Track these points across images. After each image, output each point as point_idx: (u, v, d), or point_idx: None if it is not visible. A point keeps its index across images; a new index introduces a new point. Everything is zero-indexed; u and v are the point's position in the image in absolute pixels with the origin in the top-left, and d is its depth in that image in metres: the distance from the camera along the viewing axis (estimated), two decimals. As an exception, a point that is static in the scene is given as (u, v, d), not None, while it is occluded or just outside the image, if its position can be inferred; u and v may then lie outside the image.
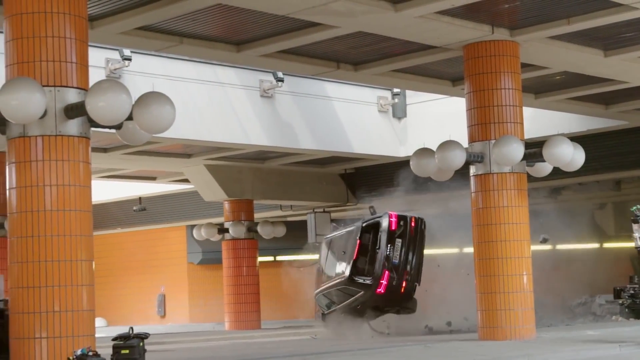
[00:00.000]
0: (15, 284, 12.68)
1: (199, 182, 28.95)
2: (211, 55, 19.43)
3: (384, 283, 20.22)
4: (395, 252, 20.52)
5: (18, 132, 12.74)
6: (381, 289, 20.20)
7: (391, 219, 20.90)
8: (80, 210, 12.84)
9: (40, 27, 12.70)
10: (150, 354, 14.15)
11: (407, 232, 20.98)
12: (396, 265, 20.52)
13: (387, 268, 20.34)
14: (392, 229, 20.76)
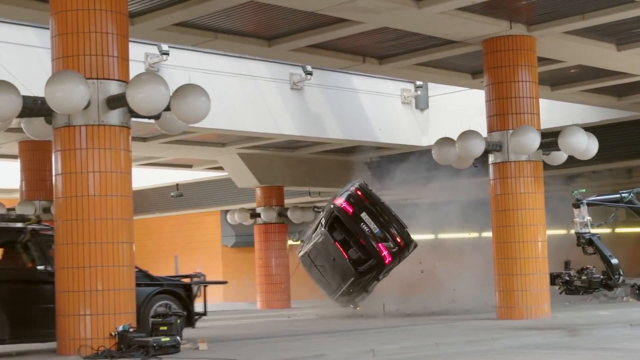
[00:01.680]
0: (61, 265, 12.78)
1: (233, 170, 29.00)
2: (244, 50, 19.46)
3: (385, 253, 20.05)
4: (371, 225, 20.25)
5: (63, 122, 12.83)
6: (387, 258, 20.01)
7: (342, 206, 20.56)
8: (121, 196, 12.91)
9: (84, 23, 12.76)
10: (187, 331, 14.26)
11: (363, 203, 20.63)
12: (380, 233, 20.31)
13: (377, 241, 20.19)
14: (350, 212, 20.45)
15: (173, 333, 12.65)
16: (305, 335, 15.72)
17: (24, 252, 13.92)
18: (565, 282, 14.62)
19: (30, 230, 13.82)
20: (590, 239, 14.48)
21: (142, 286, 14.04)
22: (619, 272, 14.46)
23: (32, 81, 15.00)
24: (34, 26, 18.60)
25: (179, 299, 14.59)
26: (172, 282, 15.08)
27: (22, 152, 24.29)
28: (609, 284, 14.54)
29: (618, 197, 14.98)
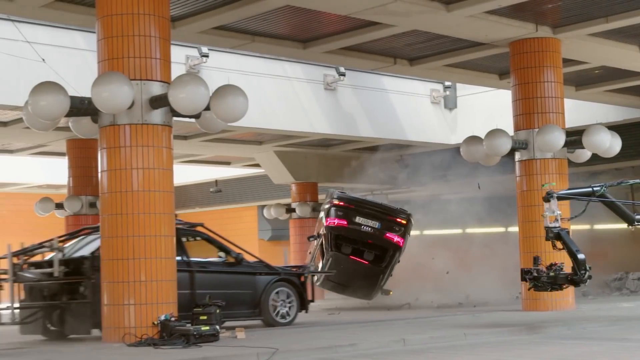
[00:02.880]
0: (106, 257, 12.86)
1: (269, 167, 29.05)
2: (280, 52, 19.47)
3: (396, 239, 19.84)
4: (370, 223, 19.80)
5: (109, 121, 12.90)
6: (400, 242, 19.77)
7: (336, 224, 19.85)
8: (163, 191, 12.96)
9: (128, 27, 12.82)
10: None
11: (351, 210, 20.01)
12: (381, 225, 19.90)
13: (383, 233, 19.79)
14: (346, 224, 19.87)
15: (213, 322, 12.68)
16: (338, 325, 15.71)
17: None
18: (533, 278, 13.71)
19: None
20: (559, 233, 13.57)
21: (262, 275, 15.79)
22: (585, 268, 13.48)
23: (80, 82, 15.12)
24: (81, 30, 18.72)
25: (294, 286, 16.16)
26: (288, 271, 16.40)
27: (70, 150, 24.44)
28: (574, 280, 13.59)
29: (589, 190, 14.12)
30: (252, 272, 15.88)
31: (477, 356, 10.63)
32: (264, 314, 15.74)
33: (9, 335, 15.08)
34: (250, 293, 15.69)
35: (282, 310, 16.04)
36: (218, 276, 15.35)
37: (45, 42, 18.28)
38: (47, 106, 12.67)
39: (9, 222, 36.79)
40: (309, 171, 28.86)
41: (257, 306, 15.64)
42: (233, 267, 15.63)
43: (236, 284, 15.53)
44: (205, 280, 14.92)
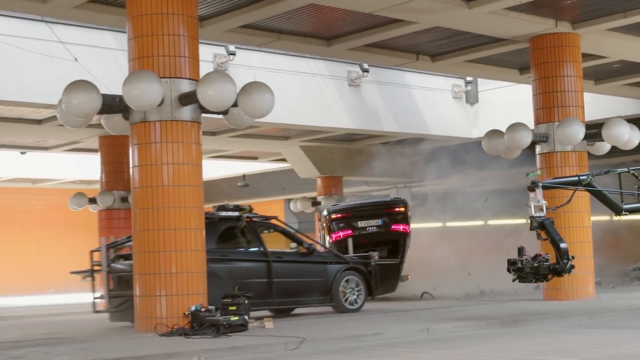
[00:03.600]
0: (139, 249, 12.91)
1: (295, 161, 29.05)
2: (305, 50, 19.45)
3: (402, 228, 19.69)
4: (372, 223, 19.76)
5: (139, 118, 12.94)
6: (406, 229, 19.60)
7: (341, 237, 19.81)
8: (193, 186, 13.00)
9: (157, 26, 12.86)
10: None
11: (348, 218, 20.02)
12: (383, 221, 19.82)
13: (388, 227, 19.68)
14: (350, 233, 19.76)
15: (242, 313, 12.70)
16: (364, 315, 15.71)
17: (241, 236, 15.66)
18: (517, 269, 13.15)
19: (245, 218, 15.59)
20: (542, 222, 13.00)
21: (333, 264, 16.32)
22: (568, 257, 12.98)
23: (111, 81, 15.20)
24: (112, 30, 18.78)
25: (361, 274, 16.61)
26: (355, 260, 16.85)
27: (102, 146, 24.55)
28: (557, 269, 13.05)
29: (576, 179, 13.63)
30: (323, 261, 16.40)
31: (499, 344, 10.59)
32: (335, 301, 16.23)
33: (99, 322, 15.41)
34: (322, 281, 16.20)
35: (351, 297, 16.48)
36: (292, 265, 15.91)
37: (77, 42, 18.36)
38: (80, 104, 12.74)
39: (44, 216, 37.08)
40: (333, 165, 28.84)
41: (328, 293, 16.16)
42: (306, 257, 16.15)
43: (309, 272, 16.09)
44: (281, 270, 15.55)
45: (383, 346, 10.82)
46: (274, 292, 15.36)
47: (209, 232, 14.60)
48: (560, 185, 13.86)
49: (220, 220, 15.50)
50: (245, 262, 15.38)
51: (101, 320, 16.29)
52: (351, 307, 16.39)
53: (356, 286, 16.57)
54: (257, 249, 15.51)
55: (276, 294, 15.40)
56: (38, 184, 35.43)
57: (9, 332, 14.81)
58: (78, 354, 10.31)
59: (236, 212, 15.84)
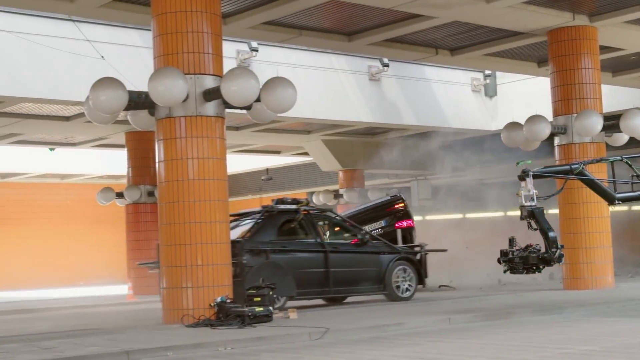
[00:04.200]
0: (165, 242, 12.94)
1: (317, 155, 29.04)
2: (326, 45, 19.43)
3: (405, 223, 19.55)
4: (376, 225, 19.19)
5: (165, 114, 12.96)
6: (411, 224, 19.45)
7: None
8: (217, 179, 13.01)
9: (181, 24, 12.86)
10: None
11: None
12: (386, 223, 19.32)
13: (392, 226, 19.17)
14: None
15: (266, 304, 12.71)
16: (386, 305, 15.69)
17: (299, 228, 16.09)
18: (507, 260, 12.81)
19: (302, 211, 15.99)
20: (532, 211, 12.59)
21: (385, 254, 16.69)
22: (557, 245, 12.57)
23: (136, 77, 15.25)
24: (138, 28, 18.82)
25: (412, 263, 16.97)
26: (407, 250, 17.25)
27: (129, 142, 24.64)
28: (545, 258, 12.63)
29: (567, 168, 13.26)
30: (377, 251, 16.71)
31: (521, 334, 10.54)
32: (388, 290, 16.57)
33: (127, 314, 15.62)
34: (375, 270, 16.53)
35: (402, 285, 16.79)
36: (348, 256, 16.30)
37: (103, 40, 18.42)
38: (106, 101, 12.77)
39: (73, 210, 37.27)
40: (355, 158, 28.82)
41: (381, 282, 16.51)
42: (360, 248, 16.51)
43: (363, 262, 16.45)
44: (337, 260, 15.95)
45: (405, 336, 10.80)
46: (331, 282, 15.77)
47: (269, 224, 15.60)
48: (552, 174, 13.53)
49: (279, 213, 15.91)
50: (304, 253, 15.80)
51: (129, 312, 16.39)
52: (403, 295, 16.72)
53: (407, 275, 16.89)
54: (314, 240, 15.97)
55: (333, 283, 15.81)
56: (67, 179, 35.62)
57: (39, 324, 14.90)
58: (107, 344, 10.35)
59: (294, 205, 16.22)
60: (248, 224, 15.82)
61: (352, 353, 9.32)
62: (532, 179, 12.76)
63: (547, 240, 12.72)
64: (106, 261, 36.06)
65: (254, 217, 15.97)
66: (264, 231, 15.50)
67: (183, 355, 9.68)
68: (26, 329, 13.43)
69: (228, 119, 13.95)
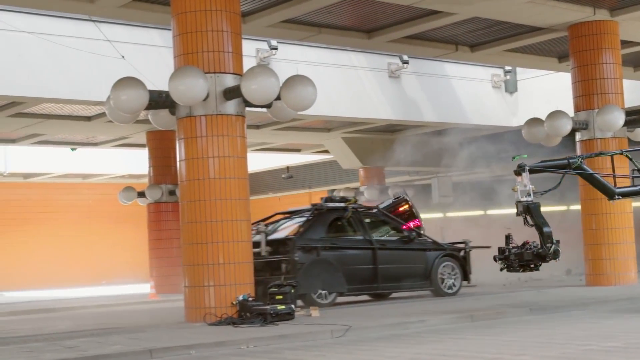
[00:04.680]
0: (187, 241, 12.96)
1: (338, 152, 29.03)
2: (345, 43, 19.41)
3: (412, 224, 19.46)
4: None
5: (185, 113, 12.98)
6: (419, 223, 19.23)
7: None
8: (238, 178, 13.01)
9: (201, 23, 12.88)
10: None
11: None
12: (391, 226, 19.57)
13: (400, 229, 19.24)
14: None
15: (288, 301, 12.71)
16: (408, 302, 15.66)
17: (347, 225, 16.38)
18: (503, 258, 12.53)
19: (351, 209, 16.34)
20: (527, 206, 12.24)
21: (431, 251, 16.96)
22: (552, 241, 12.22)
23: (157, 77, 15.28)
24: (158, 27, 18.87)
25: (457, 260, 17.23)
26: (452, 247, 17.46)
27: (150, 141, 24.72)
28: (540, 254, 12.32)
29: (565, 162, 12.79)
30: (423, 248, 16.97)
31: (543, 330, 10.49)
32: (434, 285, 16.84)
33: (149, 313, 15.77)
34: (422, 267, 16.81)
35: (448, 281, 17.02)
36: (395, 252, 16.56)
37: (124, 40, 18.47)
38: (127, 100, 12.80)
39: (95, 210, 37.44)
40: (375, 156, 28.78)
41: (427, 278, 16.77)
42: (406, 244, 16.78)
43: (410, 259, 16.72)
44: (384, 256, 16.25)
45: (427, 333, 10.77)
46: (379, 278, 16.06)
47: (319, 222, 15.94)
48: (549, 168, 13.10)
49: (328, 210, 16.25)
50: (353, 250, 16.09)
51: (151, 311, 16.44)
52: (449, 291, 16.95)
53: (453, 271, 17.13)
54: (362, 237, 16.22)
55: (381, 280, 16.10)
56: (88, 179, 35.78)
57: (62, 322, 14.97)
58: (130, 343, 10.38)
59: (342, 203, 16.59)
60: (297, 222, 16.19)
61: (374, 350, 9.30)
62: (528, 173, 12.46)
63: (542, 235, 12.43)
64: (128, 260, 36.23)
65: (304, 215, 16.35)
66: (314, 229, 15.80)
67: (206, 354, 9.69)
68: (50, 328, 13.50)
69: (248, 117, 13.95)
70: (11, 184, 34.96)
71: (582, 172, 13.01)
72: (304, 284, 14.75)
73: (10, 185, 35.08)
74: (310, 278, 15.07)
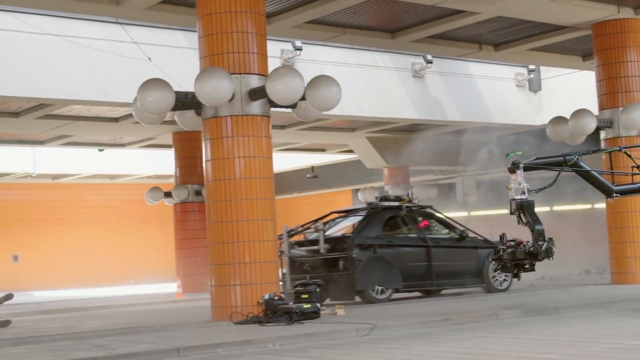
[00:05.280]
0: (213, 240, 12.99)
1: (362, 152, 29.00)
2: (369, 43, 19.39)
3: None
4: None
5: (211, 114, 13.01)
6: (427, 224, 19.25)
7: None
8: (264, 178, 13.02)
9: (226, 24, 12.90)
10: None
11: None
12: None
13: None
14: None
15: (314, 300, 12.71)
16: (433, 299, 15.62)
17: (402, 224, 16.79)
18: (497, 258, 12.21)
19: (405, 207, 16.65)
20: (521, 204, 11.87)
21: (483, 248, 17.16)
22: (544, 238, 11.84)
23: (182, 78, 15.32)
24: (183, 29, 18.94)
25: None
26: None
27: (176, 142, 24.81)
28: (532, 252, 12.00)
29: (561, 159, 12.38)
30: (475, 246, 17.24)
31: (570, 329, 10.42)
32: (485, 282, 17.13)
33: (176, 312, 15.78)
34: (474, 264, 17.10)
35: (499, 278, 17.25)
36: (448, 250, 16.91)
37: (150, 42, 18.55)
38: (154, 101, 12.85)
39: (123, 210, 37.63)
40: (399, 155, 28.72)
41: (479, 275, 17.07)
42: (459, 242, 17.09)
43: (463, 256, 17.06)
44: (438, 254, 16.61)
45: (452, 331, 10.73)
46: (433, 275, 16.41)
47: (375, 220, 16.26)
48: (544, 165, 12.75)
49: (384, 209, 16.57)
50: (408, 248, 16.44)
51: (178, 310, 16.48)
52: (500, 287, 17.18)
53: None
54: (417, 235, 16.63)
55: (435, 277, 16.45)
56: (116, 180, 35.97)
57: (91, 321, 15.06)
58: (158, 342, 10.42)
59: (397, 202, 16.88)
60: (351, 221, 16.70)
61: (399, 349, 9.28)
62: (522, 171, 12.18)
63: (534, 233, 12.12)
64: (155, 259, 36.37)
65: (359, 214, 16.73)
66: (370, 227, 16.14)
67: (232, 352, 9.71)
68: (79, 327, 13.58)
69: (273, 117, 13.96)
70: (40, 184, 35.22)
71: (578, 169, 12.64)
72: (361, 281, 15.28)
73: (40, 186, 35.34)
74: (367, 275, 15.48)
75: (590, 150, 13.52)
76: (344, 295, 15.69)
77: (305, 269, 15.88)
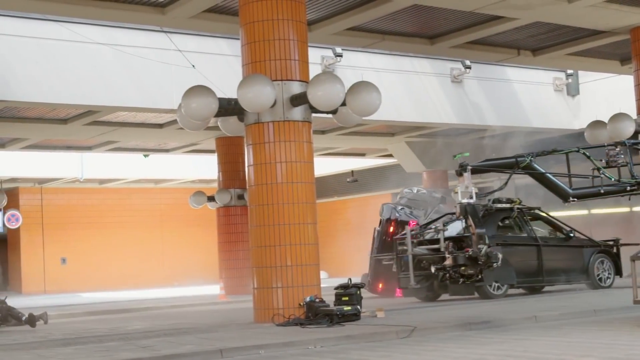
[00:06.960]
0: (255, 244, 13.02)
1: (401, 156, 28.94)
2: (408, 49, 19.35)
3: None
4: None
5: (254, 119, 13.05)
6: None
7: None
8: (305, 182, 13.04)
9: (269, 32, 12.93)
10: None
11: None
12: None
13: None
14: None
15: (354, 302, 12.69)
16: (469, 302, 15.53)
17: (514, 224, 17.29)
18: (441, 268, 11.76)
19: (516, 209, 17.14)
20: (465, 208, 11.48)
21: (587, 247, 17.84)
22: (485, 242, 11.51)
23: (226, 85, 15.40)
24: (226, 37, 19.05)
25: (610, 255, 18.10)
26: (606, 243, 18.36)
27: (219, 147, 24.94)
28: (471, 256, 11.75)
29: (513, 161, 12.05)
30: (580, 245, 17.87)
31: (609, 332, 10.30)
32: (590, 279, 17.68)
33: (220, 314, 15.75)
34: (580, 262, 17.68)
35: (602, 275, 17.85)
36: (556, 248, 17.51)
37: (193, 50, 18.69)
38: (198, 108, 12.93)
39: (167, 214, 37.91)
40: (438, 159, 28.62)
41: (584, 272, 17.66)
42: (566, 242, 17.70)
43: (570, 254, 17.66)
44: (548, 252, 17.21)
45: (492, 334, 10.66)
46: (544, 272, 16.98)
47: (489, 221, 16.51)
48: (493, 167, 12.27)
49: (497, 211, 17.05)
50: (520, 246, 16.97)
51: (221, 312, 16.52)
52: (604, 284, 17.72)
53: (606, 266, 17.94)
54: (527, 235, 17.20)
55: (545, 274, 17.01)
56: (160, 184, 36.26)
57: (137, 323, 15.17)
58: (202, 343, 10.47)
59: (508, 204, 17.32)
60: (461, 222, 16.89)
61: (439, 351, 9.24)
62: (470, 173, 11.65)
63: (473, 236, 11.73)
64: (199, 262, 36.58)
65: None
66: (487, 227, 16.23)
67: (274, 354, 9.73)
68: (125, 328, 13.69)
69: (314, 123, 13.99)
70: (87, 189, 35.62)
71: (532, 172, 12.22)
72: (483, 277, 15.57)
73: (87, 190, 35.74)
74: (485, 271, 15.51)
75: (546, 151, 12.86)
76: (465, 290, 16.04)
77: (423, 266, 15.96)
